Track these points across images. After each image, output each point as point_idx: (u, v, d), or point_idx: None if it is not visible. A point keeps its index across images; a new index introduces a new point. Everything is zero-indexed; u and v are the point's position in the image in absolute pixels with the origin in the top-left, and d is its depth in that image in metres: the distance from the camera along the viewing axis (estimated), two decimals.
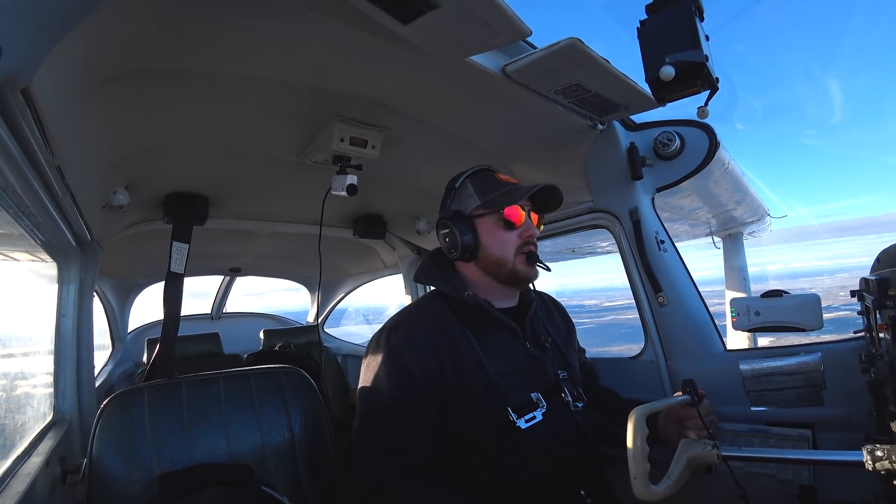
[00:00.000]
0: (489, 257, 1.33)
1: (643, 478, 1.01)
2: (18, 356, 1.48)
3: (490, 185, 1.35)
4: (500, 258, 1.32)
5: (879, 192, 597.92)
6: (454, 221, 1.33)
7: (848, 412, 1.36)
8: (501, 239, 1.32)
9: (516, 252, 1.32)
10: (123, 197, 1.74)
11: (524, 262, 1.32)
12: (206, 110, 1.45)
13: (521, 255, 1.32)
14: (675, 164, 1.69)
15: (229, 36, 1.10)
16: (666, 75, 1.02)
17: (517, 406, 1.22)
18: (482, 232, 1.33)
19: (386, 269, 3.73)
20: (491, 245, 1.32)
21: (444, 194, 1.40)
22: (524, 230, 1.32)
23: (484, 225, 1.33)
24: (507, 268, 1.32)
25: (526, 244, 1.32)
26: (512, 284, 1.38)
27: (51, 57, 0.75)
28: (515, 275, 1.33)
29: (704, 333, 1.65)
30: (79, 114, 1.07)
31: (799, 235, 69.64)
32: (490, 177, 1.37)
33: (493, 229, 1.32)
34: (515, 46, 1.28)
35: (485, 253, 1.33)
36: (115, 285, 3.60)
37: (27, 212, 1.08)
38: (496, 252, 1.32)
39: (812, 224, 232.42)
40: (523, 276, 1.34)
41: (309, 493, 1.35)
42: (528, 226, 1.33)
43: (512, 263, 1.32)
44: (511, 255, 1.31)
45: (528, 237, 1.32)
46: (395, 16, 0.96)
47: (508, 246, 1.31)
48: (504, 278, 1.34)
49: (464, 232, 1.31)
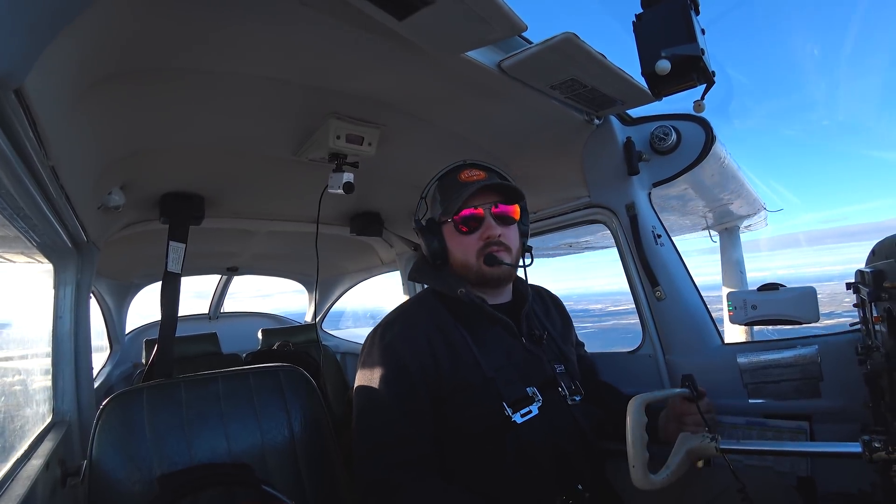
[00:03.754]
0: (456, 262, 1.35)
1: (642, 466, 1.01)
2: (16, 358, 1.48)
3: (451, 189, 1.33)
4: (465, 263, 1.33)
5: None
6: (422, 231, 1.37)
7: (845, 404, 1.37)
8: (461, 244, 1.33)
9: (478, 255, 1.31)
10: (119, 197, 1.73)
11: (486, 265, 1.30)
12: (200, 109, 1.44)
13: (482, 257, 1.30)
14: (672, 158, 1.69)
15: (223, 34, 1.10)
16: (662, 69, 1.02)
17: (512, 401, 1.22)
18: (447, 239, 1.35)
19: (383, 267, 3.73)
20: (455, 251, 1.34)
21: (417, 202, 1.43)
22: (483, 231, 1.31)
23: (447, 232, 1.35)
24: (473, 271, 1.32)
25: (487, 245, 1.30)
26: (484, 286, 1.36)
27: (44, 57, 0.75)
28: (482, 277, 1.32)
29: (702, 327, 1.65)
30: (73, 114, 1.06)
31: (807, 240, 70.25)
32: (453, 179, 1.35)
33: (453, 235, 1.34)
34: (511, 42, 1.27)
35: (453, 258, 1.35)
36: (112, 286, 3.58)
37: (22, 213, 1.08)
38: (459, 257, 1.34)
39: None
40: (489, 277, 1.32)
41: (310, 491, 1.35)
42: (488, 225, 1.31)
43: (476, 266, 1.31)
44: (473, 259, 1.31)
45: (486, 238, 1.30)
46: (390, 12, 0.96)
47: (469, 250, 1.31)
48: (474, 281, 1.34)
49: (430, 241, 1.34)
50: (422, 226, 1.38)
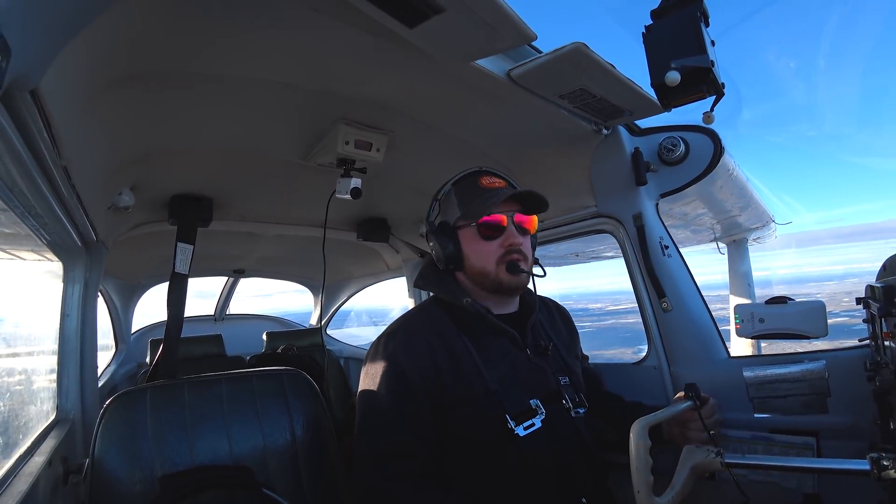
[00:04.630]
0: (473, 268, 1.32)
1: (647, 491, 1.00)
2: (23, 355, 1.49)
3: (471, 193, 1.32)
4: (483, 269, 1.31)
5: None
6: (436, 234, 1.34)
7: (853, 420, 1.35)
8: (481, 250, 1.30)
9: (498, 262, 1.29)
10: (129, 198, 1.75)
11: (506, 273, 1.29)
12: (211, 113, 1.46)
13: (502, 264, 1.29)
14: (680, 169, 1.69)
15: (235, 38, 1.11)
16: (671, 80, 1.02)
17: (515, 413, 1.21)
18: (464, 243, 1.32)
19: (389, 272, 3.73)
20: (472, 256, 1.32)
21: (430, 204, 1.41)
22: (505, 238, 1.29)
23: (465, 236, 1.32)
24: (490, 278, 1.30)
25: (508, 253, 1.29)
26: (499, 294, 1.35)
27: (59, 59, 0.76)
28: (500, 285, 1.31)
29: (708, 339, 1.64)
30: (86, 115, 1.07)
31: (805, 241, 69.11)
32: (473, 183, 1.34)
33: (472, 240, 1.31)
34: (520, 51, 1.28)
35: (468, 264, 1.33)
36: (119, 286, 3.61)
37: (33, 211, 1.09)
38: (477, 263, 1.31)
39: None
40: (507, 286, 1.31)
41: (310, 495, 1.34)
42: (510, 234, 1.30)
43: (495, 274, 1.30)
44: (493, 265, 1.29)
45: (509, 246, 1.29)
46: (400, 19, 0.97)
47: (489, 257, 1.30)
48: (490, 288, 1.33)
49: (445, 245, 1.32)
50: (435, 228, 1.36)
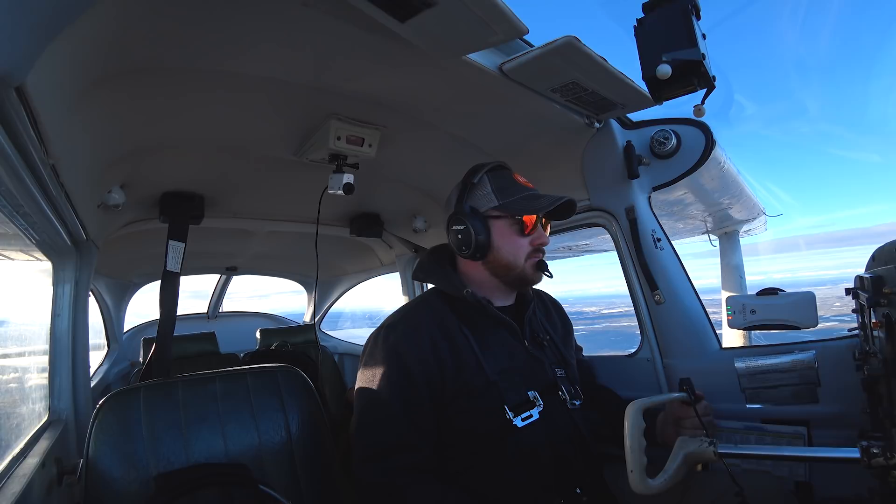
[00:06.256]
0: (499, 259, 1.32)
1: (640, 471, 1.01)
2: (13, 356, 1.47)
3: (508, 187, 1.34)
4: (511, 262, 1.32)
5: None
6: (470, 219, 1.30)
7: (842, 409, 1.37)
8: (515, 243, 1.32)
9: (527, 258, 1.32)
10: (119, 196, 1.73)
11: (533, 268, 1.33)
12: (201, 109, 1.44)
13: (530, 261, 1.32)
14: (672, 162, 1.69)
15: (224, 34, 1.10)
16: (663, 73, 1.02)
17: (514, 404, 1.22)
18: (495, 233, 1.32)
19: (383, 268, 3.73)
20: (503, 248, 1.32)
21: (460, 187, 1.37)
22: (536, 237, 1.33)
23: (498, 227, 1.32)
24: (517, 272, 1.32)
25: (536, 251, 1.33)
26: (517, 287, 1.40)
27: (45, 55, 0.75)
28: (524, 279, 1.34)
29: (700, 331, 1.65)
30: (74, 112, 1.06)
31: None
32: (508, 177, 1.36)
33: (507, 233, 1.32)
34: (512, 45, 1.27)
35: (496, 254, 1.32)
36: (110, 284, 3.58)
37: (22, 211, 1.08)
38: (507, 256, 1.32)
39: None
40: (531, 281, 1.36)
41: (306, 492, 1.34)
42: (541, 234, 1.34)
43: (522, 268, 1.32)
44: (522, 260, 1.32)
45: (539, 244, 1.33)
46: (391, 13, 0.96)
47: (521, 251, 1.32)
48: (511, 281, 1.35)
49: (479, 231, 1.30)
50: (467, 212, 1.32)
